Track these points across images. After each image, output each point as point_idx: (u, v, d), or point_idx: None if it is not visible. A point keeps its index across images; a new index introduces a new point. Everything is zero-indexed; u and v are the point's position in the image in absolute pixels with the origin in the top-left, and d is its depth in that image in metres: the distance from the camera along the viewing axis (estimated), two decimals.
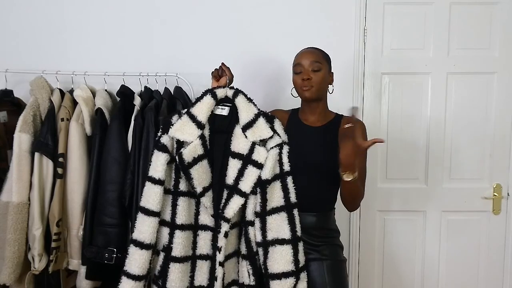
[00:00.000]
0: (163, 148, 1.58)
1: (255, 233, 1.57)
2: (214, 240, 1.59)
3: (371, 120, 2.29)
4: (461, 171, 2.31)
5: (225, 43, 2.24)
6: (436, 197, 2.32)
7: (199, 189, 1.56)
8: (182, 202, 1.59)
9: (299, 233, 1.57)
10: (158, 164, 1.56)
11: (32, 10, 2.23)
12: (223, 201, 1.57)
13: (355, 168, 1.50)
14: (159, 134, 1.63)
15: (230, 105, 1.65)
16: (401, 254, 2.35)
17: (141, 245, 1.55)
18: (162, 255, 1.59)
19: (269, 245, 1.54)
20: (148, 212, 1.56)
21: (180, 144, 1.57)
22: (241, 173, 1.55)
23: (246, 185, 1.54)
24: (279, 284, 1.52)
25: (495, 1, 2.25)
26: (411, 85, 2.29)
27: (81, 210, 1.89)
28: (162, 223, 1.60)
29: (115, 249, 1.79)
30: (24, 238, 1.84)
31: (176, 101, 2.00)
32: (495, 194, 2.31)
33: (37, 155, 1.85)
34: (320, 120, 1.73)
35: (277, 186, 1.57)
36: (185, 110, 1.63)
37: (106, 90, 2.04)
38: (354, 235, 2.32)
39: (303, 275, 1.57)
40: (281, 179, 1.58)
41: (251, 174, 1.54)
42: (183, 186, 1.60)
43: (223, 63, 1.74)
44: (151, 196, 1.56)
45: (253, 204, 1.57)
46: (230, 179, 1.56)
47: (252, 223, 1.58)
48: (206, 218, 1.60)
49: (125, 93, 1.99)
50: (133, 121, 1.90)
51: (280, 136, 1.61)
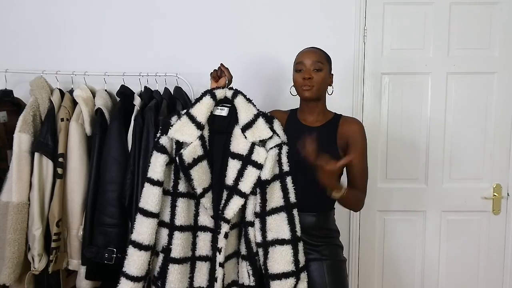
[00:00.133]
0: (162, 149, 1.57)
1: (255, 234, 1.57)
2: (214, 241, 1.58)
3: (371, 120, 2.29)
4: (461, 171, 2.31)
5: (225, 43, 2.24)
6: (436, 197, 2.32)
7: (199, 190, 1.55)
8: (181, 203, 1.58)
9: (299, 233, 1.57)
10: (157, 165, 1.56)
11: (32, 10, 2.23)
12: (222, 201, 1.56)
13: (339, 186, 1.54)
14: (158, 135, 1.62)
15: (230, 105, 1.65)
16: (401, 254, 2.35)
17: (140, 246, 1.55)
18: (161, 256, 1.59)
19: (269, 245, 1.54)
20: (147, 213, 1.56)
21: (180, 145, 1.57)
22: (240, 174, 1.54)
23: (246, 185, 1.53)
24: (279, 284, 1.52)
25: (495, 1, 2.25)
26: (411, 85, 2.29)
27: (81, 210, 1.89)
28: (161, 224, 1.59)
29: (115, 249, 1.79)
30: (24, 238, 1.84)
31: (176, 101, 2.00)
32: (495, 194, 2.30)
33: (37, 155, 1.85)
34: (319, 120, 1.73)
35: (276, 187, 1.57)
36: (185, 111, 1.62)
37: (106, 90, 2.04)
38: (354, 235, 2.32)
39: (303, 275, 1.57)
40: (281, 179, 1.58)
41: (250, 175, 1.54)
42: (182, 187, 1.59)
43: (222, 64, 1.74)
44: (150, 197, 1.56)
45: (253, 204, 1.57)
46: (229, 179, 1.56)
47: (252, 224, 1.57)
48: (205, 219, 1.60)
49: (125, 93, 1.99)
50: (133, 121, 1.90)
51: (279, 137, 1.61)
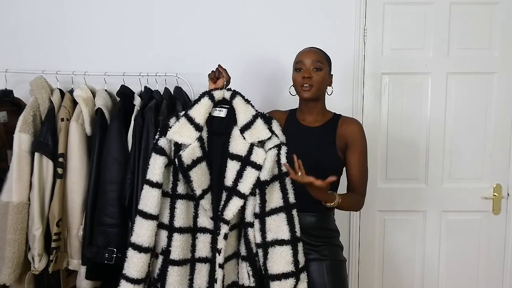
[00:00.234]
0: (160, 151, 1.57)
1: (254, 234, 1.57)
2: (214, 242, 1.58)
3: (371, 120, 2.29)
4: (461, 171, 2.31)
5: (225, 43, 2.24)
6: (436, 197, 2.32)
7: (198, 192, 1.55)
8: (180, 205, 1.58)
9: (298, 233, 1.57)
10: (156, 167, 1.56)
11: (32, 10, 2.23)
12: (222, 203, 1.56)
13: (332, 197, 1.54)
14: (156, 137, 1.62)
15: (228, 106, 1.65)
16: (401, 254, 2.35)
17: (139, 248, 1.55)
18: (160, 258, 1.59)
19: (268, 246, 1.54)
20: (146, 216, 1.56)
21: (178, 146, 1.56)
22: (239, 175, 1.54)
23: (245, 186, 1.53)
24: (279, 285, 1.51)
25: (495, 1, 2.25)
26: (411, 85, 2.29)
27: (81, 210, 1.89)
28: (161, 226, 1.59)
29: (115, 249, 1.79)
30: (24, 238, 1.84)
31: (176, 101, 2.00)
32: (495, 194, 2.30)
33: (37, 155, 1.85)
34: (318, 120, 1.73)
35: (276, 187, 1.56)
36: (183, 112, 1.62)
37: (106, 90, 2.04)
38: (354, 235, 2.32)
39: (303, 276, 1.56)
40: (280, 179, 1.57)
41: (250, 176, 1.53)
42: (181, 189, 1.59)
43: (219, 65, 1.73)
44: (149, 199, 1.55)
45: (252, 205, 1.56)
46: (229, 181, 1.55)
47: (251, 224, 1.57)
48: (205, 221, 1.59)
49: (125, 93, 1.99)
50: (133, 121, 1.90)
51: (278, 137, 1.60)
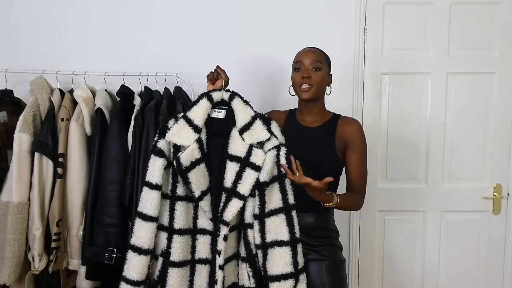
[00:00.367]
0: (159, 153, 1.57)
1: (254, 236, 1.56)
2: (213, 243, 1.58)
3: (371, 120, 2.29)
4: (461, 171, 2.31)
5: (225, 43, 2.24)
6: (436, 197, 2.32)
7: (197, 193, 1.55)
8: (180, 206, 1.58)
9: (297, 234, 1.57)
10: (155, 169, 1.56)
11: (32, 10, 2.23)
12: (221, 204, 1.56)
13: (330, 197, 1.53)
14: (155, 138, 1.62)
15: (227, 108, 1.64)
16: (401, 254, 2.35)
17: (139, 250, 1.55)
18: (160, 260, 1.59)
19: (268, 247, 1.54)
20: (145, 218, 1.56)
21: (177, 148, 1.56)
22: (239, 176, 1.54)
23: (245, 187, 1.53)
24: (278, 286, 1.51)
25: (495, 1, 2.25)
26: (411, 85, 2.29)
27: (81, 210, 1.89)
28: (160, 228, 1.59)
29: (115, 249, 1.79)
30: (24, 238, 1.84)
31: (176, 101, 2.00)
32: (495, 194, 2.30)
33: (37, 155, 1.85)
34: (317, 120, 1.73)
35: (275, 188, 1.56)
36: (182, 114, 1.62)
37: (106, 90, 2.04)
38: (354, 235, 2.32)
39: (302, 277, 1.56)
40: (279, 181, 1.57)
41: (249, 177, 1.53)
42: (180, 191, 1.59)
43: (218, 66, 1.72)
44: (148, 201, 1.56)
45: (252, 206, 1.56)
46: (228, 182, 1.55)
47: (251, 226, 1.57)
48: (204, 222, 1.59)
49: (125, 93, 1.99)
50: (133, 121, 1.90)
51: (277, 138, 1.60)
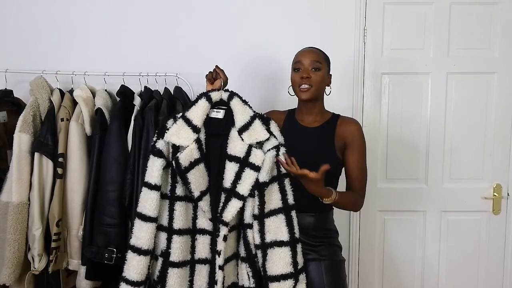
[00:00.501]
0: (158, 153, 1.57)
1: (253, 236, 1.56)
2: (213, 244, 1.58)
3: (371, 120, 2.29)
4: (461, 171, 2.31)
5: (225, 43, 2.24)
6: (436, 197, 2.32)
7: (196, 194, 1.55)
8: (179, 206, 1.58)
9: (297, 234, 1.57)
10: (154, 170, 1.56)
11: (32, 10, 2.23)
12: (221, 204, 1.56)
13: (328, 192, 1.53)
14: (154, 139, 1.62)
15: (225, 108, 1.64)
16: (401, 254, 2.35)
17: (139, 251, 1.55)
18: (160, 260, 1.59)
19: (267, 247, 1.54)
20: (145, 218, 1.56)
21: (176, 148, 1.56)
22: (238, 176, 1.54)
23: (244, 188, 1.53)
24: (278, 286, 1.52)
25: (495, 1, 2.25)
26: (411, 85, 2.29)
27: (81, 210, 1.89)
28: (160, 228, 1.59)
29: (115, 249, 1.79)
30: (24, 238, 1.84)
31: (176, 101, 2.00)
32: (495, 194, 2.30)
33: (37, 155, 1.85)
34: (317, 120, 1.73)
35: (274, 188, 1.56)
36: (180, 114, 1.62)
37: (106, 90, 2.04)
38: (354, 235, 2.31)
39: (302, 277, 1.56)
40: (279, 181, 1.57)
41: (248, 177, 1.53)
42: (179, 191, 1.59)
43: (217, 66, 1.72)
44: (147, 202, 1.56)
45: (251, 206, 1.56)
46: (227, 182, 1.56)
47: (250, 226, 1.57)
48: (204, 222, 1.60)
49: (125, 93, 1.99)
50: (133, 121, 1.90)
51: (276, 138, 1.60)
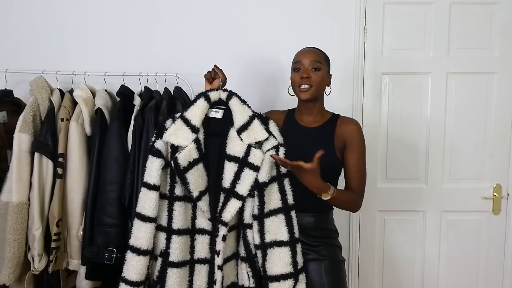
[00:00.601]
0: (157, 153, 1.57)
1: (253, 236, 1.56)
2: (212, 244, 1.58)
3: (371, 120, 2.29)
4: (461, 171, 2.31)
5: (225, 43, 2.24)
6: (436, 197, 2.32)
7: (195, 194, 1.55)
8: (178, 206, 1.58)
9: (297, 234, 1.57)
10: (153, 170, 1.56)
11: (32, 10, 2.23)
12: (220, 204, 1.56)
13: (326, 187, 1.50)
14: (153, 139, 1.62)
15: (224, 107, 1.64)
16: (401, 254, 2.35)
17: (138, 251, 1.55)
18: (159, 260, 1.59)
19: (267, 247, 1.54)
20: (144, 218, 1.56)
21: (175, 148, 1.56)
22: (237, 176, 1.54)
23: (243, 188, 1.53)
24: (277, 286, 1.52)
25: (495, 1, 2.25)
26: (411, 85, 2.29)
27: (81, 210, 1.89)
28: (159, 228, 1.59)
29: (115, 249, 1.79)
30: (24, 238, 1.84)
31: (176, 101, 2.00)
32: (495, 194, 2.30)
33: (37, 155, 1.85)
34: (316, 120, 1.72)
35: (274, 188, 1.56)
36: (179, 114, 1.62)
37: (106, 90, 2.04)
38: (354, 235, 2.31)
39: (302, 277, 1.56)
40: (278, 181, 1.57)
41: (247, 177, 1.53)
42: (178, 191, 1.59)
43: (215, 65, 1.72)
44: (146, 202, 1.56)
45: (251, 206, 1.56)
46: (226, 182, 1.55)
47: (250, 226, 1.57)
48: (203, 222, 1.60)
49: (125, 93, 1.99)
50: (133, 121, 1.90)
51: (275, 138, 1.60)
